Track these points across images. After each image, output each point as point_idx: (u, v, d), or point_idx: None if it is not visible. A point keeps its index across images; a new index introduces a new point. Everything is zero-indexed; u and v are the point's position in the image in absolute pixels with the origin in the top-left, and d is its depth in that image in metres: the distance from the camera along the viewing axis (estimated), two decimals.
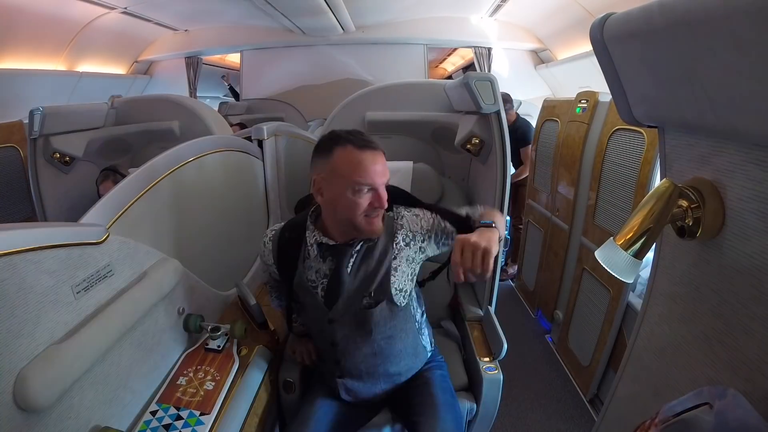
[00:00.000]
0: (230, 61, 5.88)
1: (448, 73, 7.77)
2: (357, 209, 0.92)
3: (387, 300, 1.01)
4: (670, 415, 0.61)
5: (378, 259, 1.01)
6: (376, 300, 1.01)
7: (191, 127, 2.16)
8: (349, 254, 1.00)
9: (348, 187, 0.91)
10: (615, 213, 1.75)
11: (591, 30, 0.76)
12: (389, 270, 1.01)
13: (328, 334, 1.04)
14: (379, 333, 1.03)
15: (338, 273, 0.99)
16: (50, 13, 2.88)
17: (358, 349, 1.04)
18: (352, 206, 0.92)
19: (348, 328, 1.03)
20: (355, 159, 0.91)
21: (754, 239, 0.63)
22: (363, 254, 1.01)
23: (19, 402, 0.63)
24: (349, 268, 1.00)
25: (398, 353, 1.08)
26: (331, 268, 1.01)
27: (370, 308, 1.00)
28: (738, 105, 0.56)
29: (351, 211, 0.92)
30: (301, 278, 1.04)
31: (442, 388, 1.11)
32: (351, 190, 0.90)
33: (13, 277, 0.63)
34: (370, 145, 0.93)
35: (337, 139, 0.93)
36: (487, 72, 4.00)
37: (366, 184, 0.91)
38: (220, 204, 1.48)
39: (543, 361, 2.28)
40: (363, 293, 1.00)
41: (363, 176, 0.90)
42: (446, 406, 1.06)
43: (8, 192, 2.24)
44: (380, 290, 1.01)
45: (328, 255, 1.01)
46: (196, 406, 0.95)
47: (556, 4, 3.28)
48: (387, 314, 1.02)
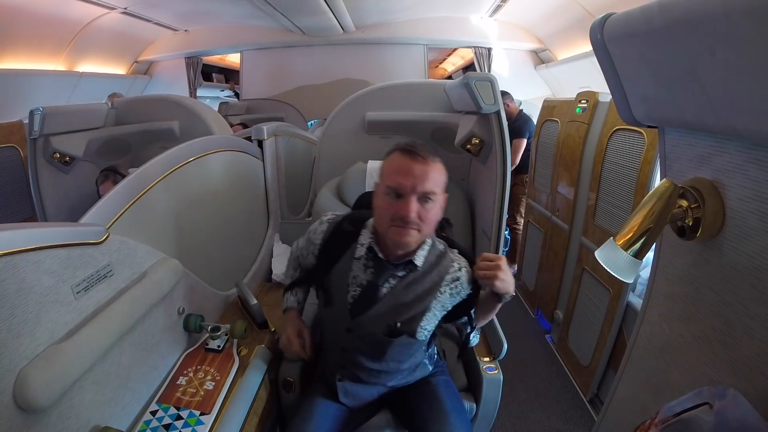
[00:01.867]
0: (230, 61, 5.88)
1: (448, 73, 7.78)
2: (384, 215, 0.89)
3: (409, 335, 0.97)
4: (670, 415, 0.61)
5: (419, 295, 0.96)
6: (401, 332, 0.96)
7: (191, 127, 2.16)
8: (389, 273, 0.96)
9: (383, 190, 0.89)
10: (615, 213, 1.75)
11: (591, 30, 0.76)
12: (425, 309, 0.97)
13: (342, 341, 1.01)
14: (391, 357, 1.01)
15: (372, 289, 0.95)
16: (50, 13, 2.88)
17: (365, 363, 1.02)
18: (381, 211, 0.90)
19: (363, 343, 0.99)
20: (394, 162, 0.89)
21: (754, 239, 0.63)
22: (406, 283, 0.96)
23: (19, 402, 0.63)
24: (386, 288, 0.96)
25: (405, 370, 1.07)
26: (368, 280, 0.96)
27: (392, 337, 0.96)
28: (738, 105, 0.56)
29: (380, 216, 0.91)
30: (341, 272, 0.99)
31: (448, 394, 1.10)
32: (385, 193, 0.89)
33: (13, 277, 0.63)
34: (416, 152, 0.88)
35: (395, 147, 0.92)
36: (487, 72, 4.01)
37: (393, 187, 0.87)
38: (220, 204, 1.48)
39: (543, 361, 2.28)
40: (390, 321, 0.96)
41: (393, 179, 0.87)
42: (455, 412, 1.04)
43: (8, 192, 2.24)
44: (408, 324, 0.96)
45: (370, 265, 0.97)
46: (196, 406, 0.95)
47: (556, 4, 3.28)
48: (405, 345, 0.99)
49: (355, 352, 1.01)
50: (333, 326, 1.04)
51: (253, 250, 1.79)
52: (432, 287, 0.96)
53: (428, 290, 0.96)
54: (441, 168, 0.91)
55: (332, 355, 1.09)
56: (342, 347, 1.02)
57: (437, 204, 0.90)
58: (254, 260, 1.75)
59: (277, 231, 2.00)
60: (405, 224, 0.87)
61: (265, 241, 1.88)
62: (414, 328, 0.97)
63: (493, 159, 1.36)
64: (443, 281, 0.97)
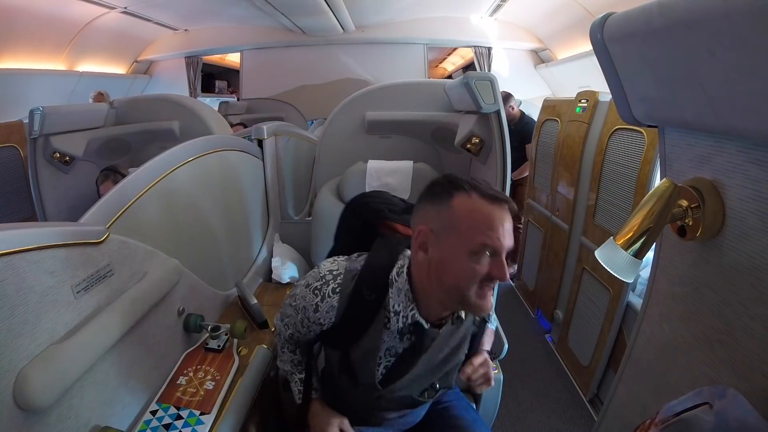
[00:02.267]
0: (230, 61, 5.88)
1: (448, 72, 7.78)
2: (473, 278, 0.71)
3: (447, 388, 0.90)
4: (670, 415, 0.61)
5: (454, 347, 0.86)
6: (437, 390, 0.88)
7: (191, 127, 2.16)
8: (431, 338, 0.81)
9: (468, 248, 0.71)
10: (615, 213, 1.75)
11: (591, 30, 0.76)
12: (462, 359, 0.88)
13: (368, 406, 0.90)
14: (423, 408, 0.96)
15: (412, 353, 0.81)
16: (50, 13, 2.88)
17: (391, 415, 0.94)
18: (469, 274, 0.71)
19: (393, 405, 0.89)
20: (483, 213, 0.71)
21: (754, 239, 0.63)
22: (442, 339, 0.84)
23: (19, 402, 0.63)
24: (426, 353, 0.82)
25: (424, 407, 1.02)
26: (406, 348, 0.82)
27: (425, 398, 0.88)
28: (738, 105, 0.56)
29: (465, 279, 0.72)
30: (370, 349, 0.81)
31: (464, 407, 1.07)
32: (471, 252, 0.71)
33: (13, 277, 0.63)
34: (501, 198, 0.73)
35: (459, 184, 0.74)
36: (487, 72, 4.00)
37: (492, 246, 0.71)
38: (220, 204, 1.48)
39: (543, 361, 2.28)
40: (425, 384, 0.86)
41: (490, 237, 0.70)
42: (476, 423, 1.01)
43: (8, 192, 2.24)
44: (445, 380, 0.88)
45: (410, 336, 0.81)
46: (196, 405, 0.95)
47: (556, 4, 3.28)
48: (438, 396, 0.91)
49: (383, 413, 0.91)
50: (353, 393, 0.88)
51: (253, 250, 1.79)
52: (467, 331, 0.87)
53: (464, 337, 0.87)
54: None
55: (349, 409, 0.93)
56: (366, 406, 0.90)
57: None
58: (254, 260, 1.75)
59: (277, 231, 2.00)
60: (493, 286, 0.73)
61: (265, 241, 1.88)
62: (451, 381, 0.89)
63: (493, 159, 1.36)
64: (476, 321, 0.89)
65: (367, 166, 1.63)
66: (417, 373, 0.83)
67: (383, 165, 1.62)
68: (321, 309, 0.83)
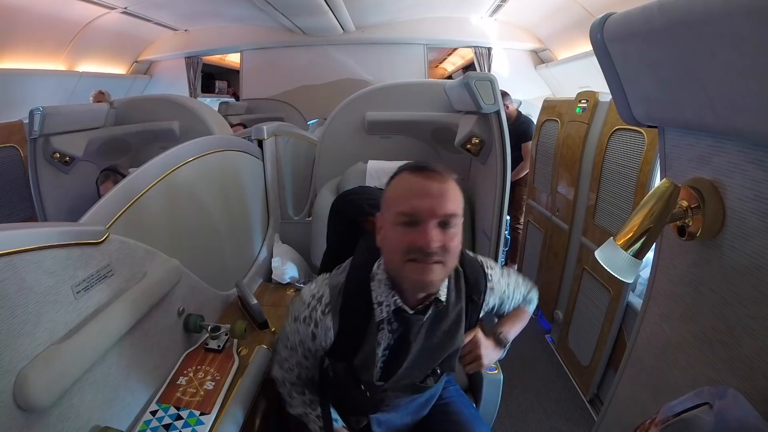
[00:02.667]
0: (230, 61, 5.88)
1: (448, 73, 7.78)
2: (397, 249, 0.71)
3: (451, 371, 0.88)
4: (670, 415, 0.61)
5: (446, 331, 0.82)
6: (439, 376, 0.86)
7: (191, 127, 2.16)
8: (417, 325, 0.78)
9: (391, 221, 0.72)
10: (615, 213, 1.75)
11: (591, 30, 0.76)
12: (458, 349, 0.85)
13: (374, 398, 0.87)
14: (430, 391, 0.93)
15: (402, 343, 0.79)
16: (50, 13, 2.88)
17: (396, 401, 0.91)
18: (393, 245, 0.71)
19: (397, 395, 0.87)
20: (404, 183, 0.72)
21: (754, 239, 0.63)
22: (432, 324, 0.81)
23: (19, 402, 0.63)
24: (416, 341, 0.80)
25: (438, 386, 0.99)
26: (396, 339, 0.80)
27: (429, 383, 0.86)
28: (738, 105, 0.56)
29: (392, 252, 0.72)
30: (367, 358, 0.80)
31: (463, 404, 1.06)
32: (392, 223, 0.71)
33: (13, 277, 0.63)
34: (429, 170, 0.72)
35: (401, 169, 0.75)
36: (487, 72, 4.00)
37: (408, 213, 0.69)
38: (220, 204, 1.48)
39: (543, 361, 2.28)
40: (425, 369, 0.84)
41: (405, 203, 0.70)
42: (476, 420, 1.00)
43: (8, 192, 2.24)
44: (446, 365, 0.85)
45: (395, 326, 0.80)
46: (196, 406, 0.95)
47: (556, 4, 3.28)
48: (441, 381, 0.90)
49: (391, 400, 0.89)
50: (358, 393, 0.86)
51: (253, 250, 1.79)
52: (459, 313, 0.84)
53: (456, 320, 0.83)
54: (458, 186, 0.75)
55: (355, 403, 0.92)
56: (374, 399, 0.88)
57: (459, 229, 0.73)
58: (254, 260, 1.75)
59: (277, 231, 2.00)
60: (426, 258, 0.69)
61: (265, 241, 1.88)
62: (453, 364, 0.86)
63: (493, 159, 1.36)
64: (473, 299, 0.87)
65: (367, 166, 1.63)
66: (413, 361, 0.81)
67: (383, 165, 1.62)
68: (318, 335, 0.82)
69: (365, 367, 0.81)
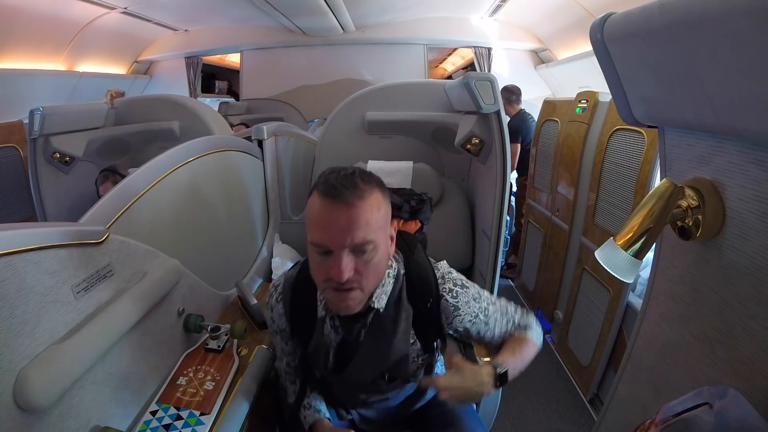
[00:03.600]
0: (230, 61, 5.88)
1: (448, 73, 7.77)
2: (317, 276, 0.73)
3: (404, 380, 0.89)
4: (670, 415, 0.61)
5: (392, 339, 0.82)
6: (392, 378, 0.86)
7: (191, 127, 2.16)
8: (359, 324, 0.82)
9: (310, 247, 0.72)
10: (615, 213, 1.75)
11: (591, 30, 0.76)
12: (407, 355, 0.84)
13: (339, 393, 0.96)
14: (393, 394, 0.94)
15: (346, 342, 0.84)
16: (50, 13, 2.88)
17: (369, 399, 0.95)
18: (314, 270, 0.74)
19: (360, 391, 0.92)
20: (314, 211, 0.70)
21: (754, 239, 0.63)
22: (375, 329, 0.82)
23: (19, 402, 0.63)
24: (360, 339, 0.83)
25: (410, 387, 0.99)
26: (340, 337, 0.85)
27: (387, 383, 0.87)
28: (738, 105, 0.56)
29: (315, 277, 0.74)
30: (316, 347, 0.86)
31: None
32: (311, 250, 0.72)
33: (13, 277, 0.63)
34: (339, 192, 0.67)
35: (317, 183, 0.72)
36: (487, 72, 4.00)
37: (319, 244, 0.69)
38: (220, 204, 1.48)
39: (543, 361, 2.28)
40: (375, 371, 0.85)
41: (316, 233, 0.69)
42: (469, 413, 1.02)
43: (8, 192, 2.24)
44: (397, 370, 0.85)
45: (336, 323, 0.84)
46: (196, 406, 0.95)
47: (556, 4, 3.28)
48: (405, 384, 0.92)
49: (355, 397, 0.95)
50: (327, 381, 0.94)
51: (253, 250, 1.79)
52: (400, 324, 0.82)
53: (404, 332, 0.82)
54: (375, 201, 0.70)
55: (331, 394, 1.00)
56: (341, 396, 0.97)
57: (380, 247, 0.71)
58: (254, 260, 1.75)
59: (277, 231, 2.00)
60: (341, 286, 0.70)
61: (265, 241, 1.88)
62: (405, 372, 0.86)
63: (493, 159, 1.36)
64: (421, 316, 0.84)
65: (367, 166, 1.63)
66: (361, 361, 0.83)
67: (383, 165, 1.62)
68: (275, 319, 0.93)
69: (315, 357, 0.87)
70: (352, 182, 0.69)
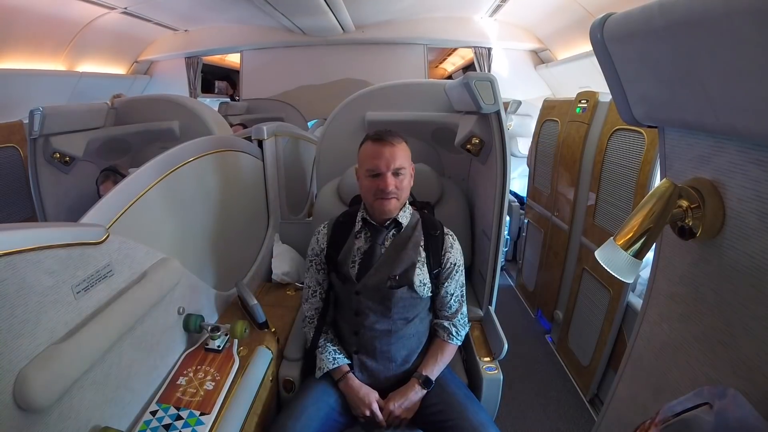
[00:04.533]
0: (230, 61, 5.88)
1: (448, 73, 7.77)
2: (368, 192, 1.13)
3: (408, 287, 1.12)
4: (670, 415, 0.61)
5: (406, 249, 1.15)
6: (399, 284, 1.12)
7: (191, 127, 2.16)
8: (383, 236, 1.16)
9: (362, 173, 1.13)
10: (615, 213, 1.75)
11: (591, 30, 0.76)
12: (414, 263, 1.14)
13: (354, 305, 1.15)
14: (397, 313, 1.14)
15: (372, 248, 1.15)
16: (50, 13, 2.88)
17: (376, 323, 1.14)
18: (366, 189, 1.13)
19: (372, 302, 1.13)
20: (368, 150, 1.12)
21: (754, 239, 0.63)
22: (396, 242, 1.16)
23: (19, 402, 0.63)
24: (383, 247, 1.16)
25: (410, 336, 1.17)
26: (368, 246, 1.16)
27: (393, 288, 1.11)
28: (738, 105, 0.56)
29: (366, 193, 1.15)
30: (347, 250, 1.17)
31: (456, 385, 1.17)
32: (364, 175, 1.12)
33: (13, 277, 0.63)
34: (384, 138, 1.10)
35: (367, 135, 1.15)
36: (487, 72, 4.00)
37: (370, 169, 1.10)
38: (220, 204, 1.48)
39: (543, 361, 2.28)
40: (389, 274, 1.12)
41: (370, 162, 1.10)
42: (470, 398, 1.13)
43: (8, 192, 2.24)
44: (404, 277, 1.13)
45: (367, 234, 1.18)
46: (196, 406, 0.95)
47: (556, 4, 3.28)
48: (407, 299, 1.14)
49: (366, 312, 1.14)
50: (345, 295, 1.18)
51: (253, 250, 1.79)
52: (416, 241, 1.16)
53: (414, 244, 1.16)
54: (405, 146, 1.14)
55: (346, 326, 1.21)
56: (355, 311, 1.15)
57: (408, 175, 1.14)
58: (254, 260, 1.75)
59: (277, 231, 2.00)
60: (386, 196, 1.10)
61: (265, 241, 1.88)
62: (410, 279, 1.12)
63: (493, 159, 1.36)
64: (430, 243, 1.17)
65: None
66: (379, 267, 1.13)
67: None
68: (319, 240, 1.24)
69: (344, 262, 1.17)
70: (390, 133, 1.13)
